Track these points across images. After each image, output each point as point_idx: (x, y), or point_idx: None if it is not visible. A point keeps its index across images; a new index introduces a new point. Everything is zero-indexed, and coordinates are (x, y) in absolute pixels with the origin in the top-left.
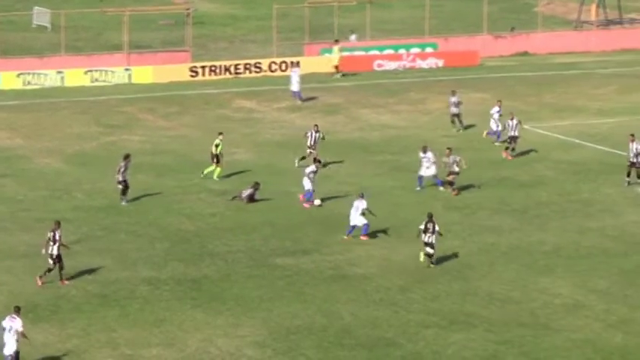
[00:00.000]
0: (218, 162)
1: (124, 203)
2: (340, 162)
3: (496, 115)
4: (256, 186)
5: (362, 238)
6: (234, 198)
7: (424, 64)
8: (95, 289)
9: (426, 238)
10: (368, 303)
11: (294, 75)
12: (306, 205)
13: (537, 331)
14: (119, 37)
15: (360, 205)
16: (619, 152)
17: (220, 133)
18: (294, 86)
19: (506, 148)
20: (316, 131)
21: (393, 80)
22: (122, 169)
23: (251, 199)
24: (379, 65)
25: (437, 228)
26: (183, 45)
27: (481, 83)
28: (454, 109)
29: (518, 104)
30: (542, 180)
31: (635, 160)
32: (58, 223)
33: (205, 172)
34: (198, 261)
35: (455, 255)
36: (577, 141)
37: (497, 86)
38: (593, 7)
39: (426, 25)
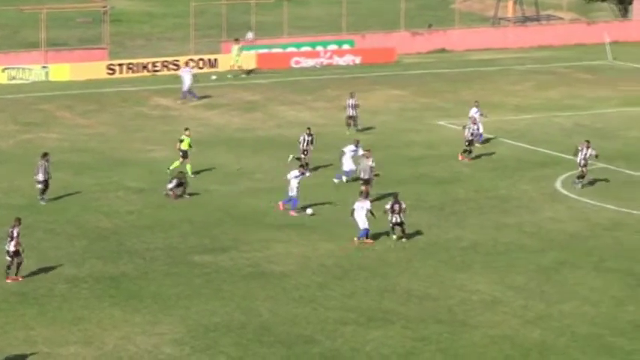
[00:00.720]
0: (185, 157)
1: (43, 202)
2: (330, 165)
3: (477, 117)
4: (180, 175)
5: (361, 240)
6: (167, 195)
7: (341, 61)
8: (13, 287)
9: (393, 219)
10: (286, 300)
11: (186, 74)
12: (293, 214)
13: (455, 327)
14: (36, 34)
15: (365, 205)
16: (536, 149)
17: (186, 129)
18: (186, 86)
19: (464, 152)
20: (309, 134)
21: (311, 77)
22: (42, 169)
23: (179, 185)
24: (297, 62)
25: (403, 206)
26: (100, 43)
27: (398, 80)
28: (351, 111)
29: (435, 101)
30: (460, 177)
31: (583, 163)
32: (18, 220)
33: (171, 167)
34: (117, 259)
35: (373, 252)
36: (494, 137)
37: (414, 83)
38: (510, 3)
39: (344, 22)
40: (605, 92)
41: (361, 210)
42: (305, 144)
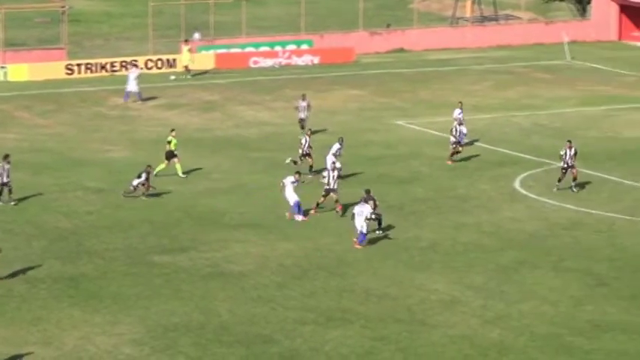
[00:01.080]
0: (174, 157)
1: (12, 204)
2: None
3: (461, 117)
4: (148, 169)
5: (356, 246)
6: (128, 194)
7: (300, 60)
8: None
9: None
10: (245, 300)
11: (132, 75)
12: (300, 218)
13: (414, 327)
14: None
15: (365, 210)
16: (494, 148)
17: (172, 130)
18: (132, 86)
19: (453, 155)
20: (309, 135)
21: (269, 77)
22: (4, 172)
23: (148, 178)
24: (255, 62)
25: (376, 203)
26: (59, 43)
27: (357, 80)
28: (301, 114)
29: (393, 101)
30: (418, 176)
31: (570, 164)
32: None
33: (157, 170)
34: (76, 259)
35: (331, 251)
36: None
37: (372, 83)
38: (469, 3)
39: (302, 22)
40: (564, 92)
41: (361, 215)
42: (307, 146)
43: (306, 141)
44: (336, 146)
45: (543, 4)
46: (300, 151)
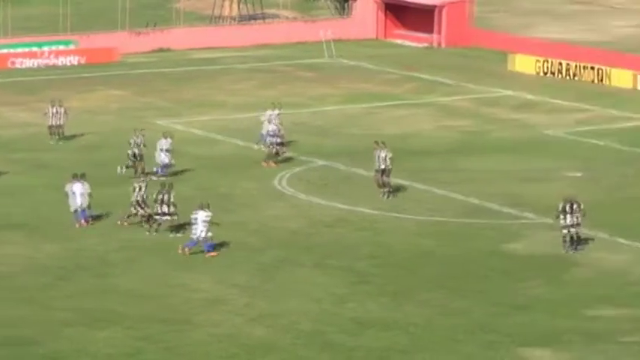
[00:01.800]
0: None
1: None
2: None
3: (271, 117)
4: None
5: (207, 255)
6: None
7: (65, 61)
8: None
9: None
10: (10, 302)
11: None
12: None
13: (179, 326)
14: None
15: (202, 216)
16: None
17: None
18: None
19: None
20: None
21: (33, 78)
22: None
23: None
24: (18, 63)
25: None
26: None
27: (120, 80)
28: (53, 121)
29: (156, 100)
30: (183, 175)
31: (383, 167)
32: None
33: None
34: None
35: (95, 252)
36: (217, 136)
37: (137, 82)
38: (232, 2)
39: (68, 22)
40: (326, 90)
41: (197, 220)
42: (136, 147)
43: (134, 142)
44: (164, 141)
45: (306, 2)
46: (130, 151)
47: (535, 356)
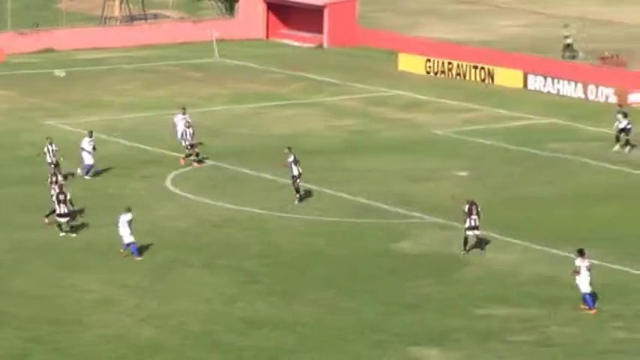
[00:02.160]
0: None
1: None
2: None
3: (180, 121)
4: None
5: (137, 258)
6: None
7: None
8: None
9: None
10: None
11: None
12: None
13: (69, 327)
14: None
15: (126, 219)
16: (145, 147)
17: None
18: None
19: (187, 156)
20: (51, 143)
21: None
22: None
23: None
24: None
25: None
26: None
27: (6, 80)
28: None
29: (43, 101)
30: (72, 176)
31: (299, 173)
32: None
33: None
34: None
35: None
36: (104, 136)
37: (22, 83)
38: (117, 2)
39: None
40: (214, 90)
41: (124, 224)
42: (52, 155)
43: (50, 150)
44: (87, 139)
45: (192, 2)
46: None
47: (424, 355)
